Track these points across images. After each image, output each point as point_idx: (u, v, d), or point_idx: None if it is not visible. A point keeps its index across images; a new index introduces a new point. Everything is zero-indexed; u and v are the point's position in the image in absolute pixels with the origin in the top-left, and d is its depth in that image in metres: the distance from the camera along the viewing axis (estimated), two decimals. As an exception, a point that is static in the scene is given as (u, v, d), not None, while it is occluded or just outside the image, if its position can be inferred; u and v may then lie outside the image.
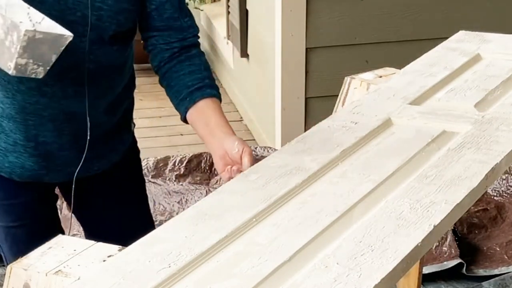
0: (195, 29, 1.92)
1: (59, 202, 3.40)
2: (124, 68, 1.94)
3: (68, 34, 1.46)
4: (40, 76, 1.47)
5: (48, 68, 1.47)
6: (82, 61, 1.79)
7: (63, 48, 1.46)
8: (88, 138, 1.86)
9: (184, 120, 1.87)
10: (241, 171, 1.70)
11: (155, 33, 1.87)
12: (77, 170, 1.88)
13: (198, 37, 1.94)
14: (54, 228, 2.04)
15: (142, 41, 1.92)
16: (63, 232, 2.09)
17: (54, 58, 1.46)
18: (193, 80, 1.85)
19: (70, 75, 1.81)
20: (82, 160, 1.87)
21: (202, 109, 1.83)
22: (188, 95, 1.84)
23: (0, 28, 1.41)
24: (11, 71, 1.43)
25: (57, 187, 2.09)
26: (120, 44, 1.86)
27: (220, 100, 1.89)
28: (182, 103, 1.85)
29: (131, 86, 2.03)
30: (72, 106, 1.85)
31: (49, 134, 1.87)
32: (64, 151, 1.91)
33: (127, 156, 2.08)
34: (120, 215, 2.11)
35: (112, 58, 1.86)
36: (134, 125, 2.12)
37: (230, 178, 1.71)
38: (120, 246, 1.42)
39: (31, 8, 1.48)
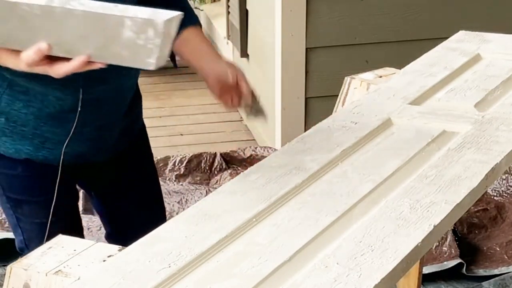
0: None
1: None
2: None
3: (179, 13, 1.46)
4: (162, 64, 1.48)
5: (168, 52, 1.48)
6: None
7: (177, 27, 1.47)
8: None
9: None
10: (240, 97, 1.82)
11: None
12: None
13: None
14: (80, 221, 2.11)
15: None
16: (82, 229, 2.15)
17: (172, 41, 1.47)
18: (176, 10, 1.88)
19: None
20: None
21: (187, 39, 1.88)
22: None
23: (128, 30, 1.40)
24: (153, 67, 1.43)
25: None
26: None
27: (201, 26, 1.94)
28: None
29: None
30: (123, 84, 1.90)
31: (103, 116, 1.90)
32: (113, 131, 1.95)
33: (142, 131, 2.14)
34: (139, 194, 2.14)
35: None
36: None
37: (233, 107, 1.83)
38: (120, 246, 1.42)
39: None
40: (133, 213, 2.12)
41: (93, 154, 1.97)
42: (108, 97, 1.89)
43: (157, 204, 2.20)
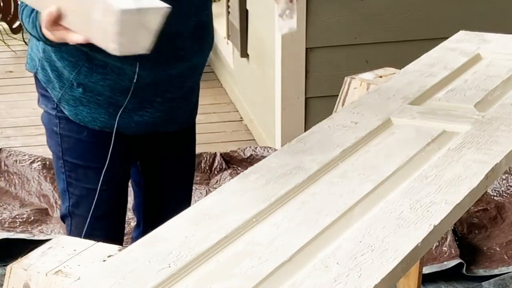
0: None
1: (59, 202, 3.42)
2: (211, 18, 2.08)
3: (163, 6, 1.46)
4: (145, 51, 1.49)
5: (150, 41, 1.48)
6: (202, 16, 1.95)
7: (161, 20, 1.47)
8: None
9: None
10: None
11: None
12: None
13: None
14: (125, 200, 2.17)
15: None
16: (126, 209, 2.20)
17: (154, 31, 1.47)
18: None
19: (196, 35, 1.95)
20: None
21: None
22: None
23: (97, 11, 1.43)
24: (114, 52, 1.45)
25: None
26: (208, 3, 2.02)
27: None
28: None
29: None
30: (198, 61, 2.00)
31: (175, 89, 2.00)
32: (181, 103, 2.04)
33: (194, 116, 2.22)
34: (179, 174, 2.23)
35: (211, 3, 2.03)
36: None
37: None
38: (120, 246, 1.42)
39: None
40: (168, 190, 2.20)
41: (162, 125, 2.05)
42: (184, 73, 1.98)
43: (189, 188, 2.29)
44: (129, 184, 2.21)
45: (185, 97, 2.04)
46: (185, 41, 1.92)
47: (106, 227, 2.06)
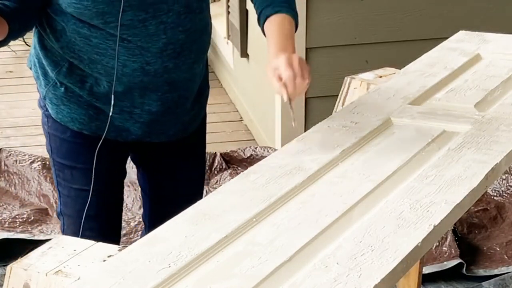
0: None
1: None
2: (208, 25, 2.05)
3: None
4: None
5: None
6: (174, 35, 1.92)
7: None
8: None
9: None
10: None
11: None
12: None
13: None
14: (119, 202, 2.16)
15: None
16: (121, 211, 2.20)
17: None
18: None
19: (167, 52, 1.92)
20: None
21: (268, 24, 1.93)
22: (260, 14, 1.95)
23: None
24: None
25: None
26: (201, 5, 1.98)
27: (293, 15, 1.96)
28: (258, 20, 1.97)
29: (210, 33, 2.12)
30: (173, 77, 1.97)
31: (154, 103, 1.98)
32: (166, 117, 2.02)
33: (204, 117, 2.24)
34: (188, 177, 2.21)
35: (198, 22, 1.97)
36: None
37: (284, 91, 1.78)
38: (120, 246, 1.42)
39: None
40: (174, 196, 2.18)
41: (147, 136, 2.03)
42: (160, 88, 1.96)
43: (198, 190, 2.26)
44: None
45: (170, 111, 2.02)
46: (153, 56, 1.91)
47: (97, 228, 2.05)
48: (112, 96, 1.93)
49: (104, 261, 1.38)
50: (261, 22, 1.96)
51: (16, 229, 3.31)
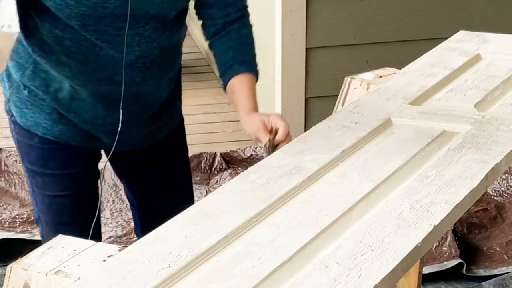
0: (240, 4, 2.03)
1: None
2: (180, 44, 2.04)
3: (13, 32, 1.44)
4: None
5: (5, 64, 1.46)
6: (148, 49, 1.89)
7: (11, 45, 1.45)
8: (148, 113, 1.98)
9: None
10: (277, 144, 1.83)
11: (201, 10, 1.97)
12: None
13: (244, 10, 2.06)
14: (95, 203, 2.10)
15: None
16: (99, 211, 2.14)
17: (6, 54, 1.45)
18: (227, 57, 1.97)
19: (138, 65, 1.90)
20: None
21: (231, 89, 1.95)
22: (223, 74, 1.97)
23: None
24: None
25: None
26: (178, 24, 1.96)
27: (252, 71, 1.98)
28: (221, 79, 1.98)
29: (181, 51, 2.11)
30: (139, 89, 1.94)
31: (117, 114, 1.94)
32: (130, 127, 1.98)
33: (179, 123, 2.19)
34: (169, 183, 2.18)
35: (172, 40, 1.96)
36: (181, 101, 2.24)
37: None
38: (120, 246, 1.42)
39: None
40: (162, 204, 2.15)
41: (108, 144, 2.00)
42: (124, 100, 1.92)
43: (188, 200, 2.18)
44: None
45: (133, 123, 1.98)
46: (121, 68, 1.87)
47: (76, 232, 2.01)
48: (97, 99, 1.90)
49: (104, 261, 1.38)
50: (227, 79, 1.96)
51: (16, 229, 3.31)
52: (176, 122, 2.16)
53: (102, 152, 2.10)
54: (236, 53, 1.97)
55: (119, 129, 1.91)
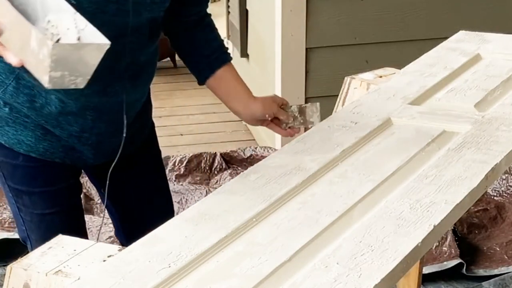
0: (207, 2, 2.03)
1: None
2: (158, 47, 2.03)
3: (104, 43, 1.42)
4: (81, 86, 1.44)
5: (88, 77, 1.44)
6: (139, 56, 1.88)
7: (101, 57, 1.43)
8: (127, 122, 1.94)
9: (201, 84, 2.04)
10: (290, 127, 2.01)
11: (176, 7, 1.94)
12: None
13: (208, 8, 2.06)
14: (82, 217, 2.10)
15: None
16: (84, 222, 2.14)
17: (93, 67, 1.43)
18: (209, 49, 2.00)
19: (129, 73, 1.88)
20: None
21: (221, 78, 1.99)
22: (207, 65, 2.00)
23: (34, 40, 1.39)
24: (46, 85, 1.40)
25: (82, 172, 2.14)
26: (160, 28, 1.96)
27: (231, 60, 2.04)
28: (202, 72, 2.01)
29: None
30: (128, 99, 1.93)
31: (103, 125, 1.93)
32: (113, 138, 1.96)
33: (151, 128, 2.17)
34: (147, 191, 2.16)
35: (155, 44, 1.95)
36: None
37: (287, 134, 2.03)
38: (120, 246, 1.42)
39: (78, 13, 1.47)
40: (141, 211, 2.14)
41: (92, 158, 1.98)
42: (113, 109, 1.90)
43: (166, 202, 2.21)
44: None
45: (118, 132, 1.94)
46: (115, 78, 1.85)
47: None
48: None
49: (104, 261, 1.38)
50: (214, 69, 2.00)
51: (16, 229, 3.31)
52: (149, 127, 2.14)
53: None
54: (218, 45, 2.02)
55: (123, 141, 1.91)
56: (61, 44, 1.38)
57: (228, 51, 2.05)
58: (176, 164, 3.90)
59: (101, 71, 1.79)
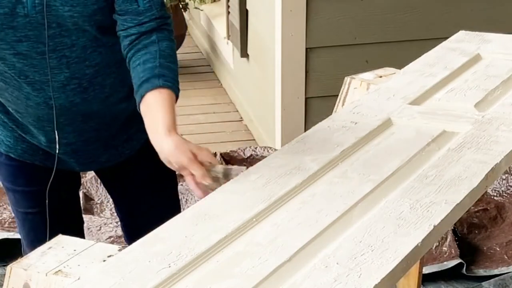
0: (155, 12, 1.78)
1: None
2: (118, 62, 1.88)
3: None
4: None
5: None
6: (80, 69, 1.81)
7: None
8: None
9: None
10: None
11: (116, 17, 1.79)
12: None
13: (161, 21, 1.80)
14: (72, 216, 2.07)
15: None
16: (82, 221, 2.12)
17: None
18: (143, 71, 1.74)
19: (71, 86, 1.83)
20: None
21: (147, 104, 1.72)
22: (138, 88, 1.74)
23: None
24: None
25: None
26: (110, 39, 1.83)
27: (172, 87, 1.77)
28: (136, 96, 1.76)
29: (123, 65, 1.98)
30: (83, 110, 1.87)
31: (70, 135, 1.90)
32: (89, 146, 1.94)
33: (144, 144, 2.07)
34: (153, 196, 2.11)
35: (110, 56, 1.85)
36: None
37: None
38: (120, 246, 1.42)
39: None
40: (145, 213, 2.09)
41: (76, 166, 1.97)
42: (73, 120, 1.87)
43: (173, 204, 2.18)
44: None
45: (92, 141, 1.92)
46: (55, 91, 1.80)
47: None
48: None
49: (104, 261, 1.38)
50: (142, 93, 1.73)
51: (16, 229, 3.31)
52: (140, 140, 2.00)
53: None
54: (154, 66, 1.74)
55: (57, 151, 1.86)
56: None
57: (165, 77, 1.76)
58: (176, 164, 3.89)
59: (35, 85, 1.78)
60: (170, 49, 1.80)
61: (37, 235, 1.95)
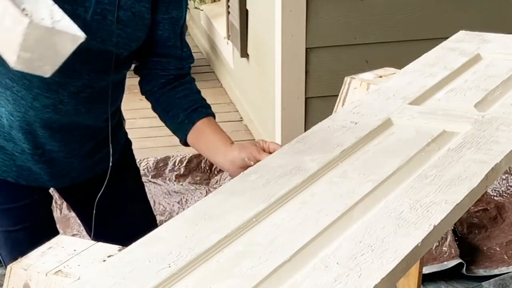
0: (192, 59, 1.98)
1: (59, 202, 3.41)
2: (125, 78, 2.00)
3: (79, 35, 1.41)
4: (47, 74, 1.42)
5: (56, 67, 1.42)
6: (97, 80, 1.85)
7: (73, 49, 1.42)
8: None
9: (185, 143, 1.93)
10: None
11: (155, 58, 1.92)
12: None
13: (190, 72, 1.99)
14: (52, 230, 2.07)
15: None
16: (58, 233, 2.09)
17: (63, 58, 1.41)
18: (189, 102, 1.91)
19: (83, 94, 1.85)
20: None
21: (201, 130, 1.89)
22: (186, 117, 1.90)
23: (8, 17, 1.37)
24: (13, 65, 1.38)
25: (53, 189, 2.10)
26: (130, 62, 1.93)
27: (214, 117, 1.95)
28: (181, 126, 1.90)
29: (124, 85, 2.06)
30: (81, 120, 1.90)
31: (57, 144, 1.90)
32: (69, 158, 1.95)
33: (124, 150, 2.13)
34: (124, 210, 2.13)
35: (121, 74, 1.93)
36: (125, 120, 2.18)
37: None
38: (120, 246, 1.42)
39: (56, 6, 1.44)
40: (118, 227, 2.09)
41: (49, 180, 1.97)
42: (61, 127, 1.88)
43: (148, 221, 2.18)
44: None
45: (74, 153, 1.94)
46: (69, 96, 1.83)
47: None
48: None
49: (104, 261, 1.38)
50: (194, 120, 1.89)
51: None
52: (120, 147, 2.08)
53: None
54: (197, 98, 1.94)
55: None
56: (36, 24, 1.35)
57: (209, 107, 1.96)
58: (176, 164, 3.90)
59: (51, 86, 1.78)
60: (197, 87, 1.99)
61: (22, 252, 1.92)
